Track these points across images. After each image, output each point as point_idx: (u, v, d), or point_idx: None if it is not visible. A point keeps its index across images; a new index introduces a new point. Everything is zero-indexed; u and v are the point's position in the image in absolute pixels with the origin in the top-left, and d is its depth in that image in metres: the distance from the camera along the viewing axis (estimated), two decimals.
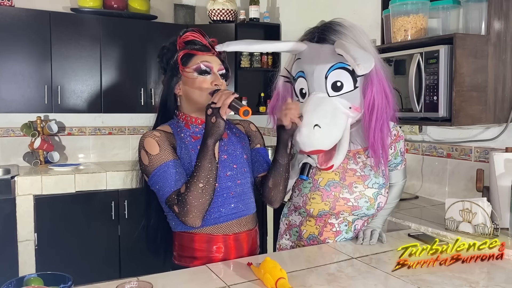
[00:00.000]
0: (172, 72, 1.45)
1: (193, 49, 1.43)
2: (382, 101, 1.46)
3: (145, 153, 1.36)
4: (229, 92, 1.29)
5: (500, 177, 1.80)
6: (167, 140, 1.38)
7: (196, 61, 1.42)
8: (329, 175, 1.55)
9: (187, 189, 1.29)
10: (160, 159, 1.33)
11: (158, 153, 1.34)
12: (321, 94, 1.46)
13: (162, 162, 1.33)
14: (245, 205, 1.46)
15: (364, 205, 1.55)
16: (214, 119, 1.28)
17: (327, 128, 1.41)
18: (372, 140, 1.50)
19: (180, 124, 1.45)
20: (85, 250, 3.38)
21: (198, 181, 1.28)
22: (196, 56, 1.42)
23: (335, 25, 1.49)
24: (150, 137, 1.37)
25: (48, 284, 1.07)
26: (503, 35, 2.00)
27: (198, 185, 1.28)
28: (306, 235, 1.61)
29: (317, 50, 1.49)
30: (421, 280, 1.27)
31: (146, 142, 1.37)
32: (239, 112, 1.27)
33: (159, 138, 1.37)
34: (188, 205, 1.28)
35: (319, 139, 1.41)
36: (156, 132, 1.39)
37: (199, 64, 1.41)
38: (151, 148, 1.35)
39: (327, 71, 1.45)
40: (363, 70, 1.33)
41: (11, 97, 3.44)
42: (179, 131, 1.43)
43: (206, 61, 1.42)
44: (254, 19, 4.00)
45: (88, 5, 3.70)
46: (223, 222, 1.41)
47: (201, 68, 1.41)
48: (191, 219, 1.29)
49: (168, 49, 1.47)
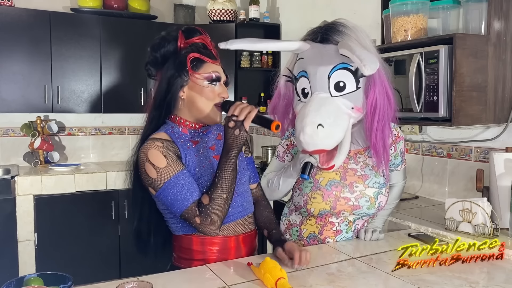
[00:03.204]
0: (177, 72, 1.38)
1: (204, 54, 1.39)
2: (384, 102, 1.47)
3: (152, 167, 1.29)
4: (248, 106, 1.28)
5: (500, 177, 1.80)
6: (171, 150, 1.32)
7: (207, 69, 1.38)
8: (329, 175, 1.56)
9: (212, 200, 1.27)
10: (170, 171, 1.28)
11: (166, 165, 1.28)
12: (323, 94, 1.46)
13: (173, 175, 1.28)
14: (248, 203, 1.47)
15: (365, 204, 1.55)
16: (238, 131, 1.26)
17: (330, 128, 1.41)
18: (374, 141, 1.50)
19: (176, 129, 1.39)
20: (85, 250, 3.38)
21: (222, 192, 1.27)
22: (207, 64, 1.38)
23: (338, 25, 1.50)
24: (154, 149, 1.30)
25: (48, 284, 1.07)
26: (503, 35, 1.99)
27: (222, 196, 1.27)
28: (306, 234, 1.61)
29: (320, 50, 1.49)
30: (421, 280, 1.27)
31: (150, 154, 1.30)
32: (271, 126, 1.26)
33: (164, 149, 1.31)
34: (213, 215, 1.27)
35: (323, 139, 1.41)
36: (157, 142, 1.32)
37: (211, 74, 1.37)
38: (158, 161, 1.29)
39: (330, 71, 1.45)
40: (370, 70, 1.34)
41: (11, 97, 3.44)
42: (177, 138, 1.37)
43: (216, 71, 1.39)
44: (254, 19, 3.99)
45: (88, 5, 3.70)
46: (229, 222, 1.39)
47: (212, 78, 1.38)
48: (213, 229, 1.28)
49: (168, 42, 1.40)
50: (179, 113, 1.42)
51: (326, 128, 1.40)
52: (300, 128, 1.43)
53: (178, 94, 1.39)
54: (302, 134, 1.41)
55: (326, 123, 1.40)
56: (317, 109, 1.43)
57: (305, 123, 1.41)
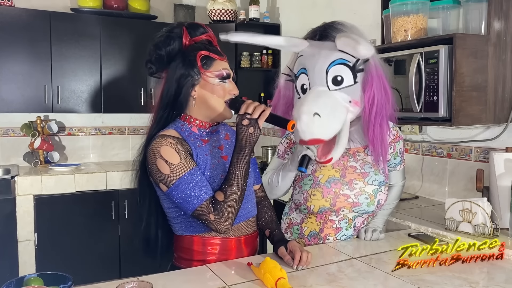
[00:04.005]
0: (187, 71, 1.36)
1: (212, 51, 1.38)
2: (381, 97, 1.49)
3: (165, 163, 1.28)
4: (260, 104, 1.28)
5: (500, 177, 1.80)
6: (183, 147, 1.32)
7: (217, 67, 1.37)
8: (329, 172, 1.57)
9: (226, 197, 1.27)
10: (183, 168, 1.28)
11: (180, 161, 1.28)
12: (321, 88, 1.49)
13: (186, 171, 1.28)
14: (252, 205, 1.47)
15: (364, 201, 1.56)
16: (252, 129, 1.26)
17: (326, 118, 1.43)
18: (372, 135, 1.51)
19: (186, 127, 1.39)
20: (85, 250, 3.38)
21: (237, 189, 1.28)
22: (217, 61, 1.38)
23: (337, 24, 1.54)
24: (167, 145, 1.30)
25: (48, 284, 1.07)
26: (503, 35, 1.99)
27: (237, 193, 1.28)
28: (307, 232, 1.62)
29: (318, 46, 1.52)
30: (421, 280, 1.27)
31: (163, 150, 1.29)
32: (287, 126, 1.27)
33: (176, 146, 1.30)
34: (227, 212, 1.27)
35: (319, 128, 1.42)
36: (169, 139, 1.31)
37: (221, 71, 1.37)
38: (171, 157, 1.28)
39: (328, 66, 1.47)
40: (365, 50, 1.38)
41: (11, 97, 3.44)
42: (188, 136, 1.36)
43: (226, 68, 1.39)
44: (254, 19, 4.00)
45: (88, 5, 3.70)
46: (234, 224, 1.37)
47: (223, 75, 1.37)
48: (227, 226, 1.28)
49: (173, 39, 1.38)
50: (190, 111, 1.41)
51: (322, 118, 1.42)
52: (296, 116, 1.44)
53: (190, 94, 1.38)
54: (299, 122, 1.42)
55: (323, 113, 1.42)
56: (314, 100, 1.45)
57: (301, 111, 1.43)
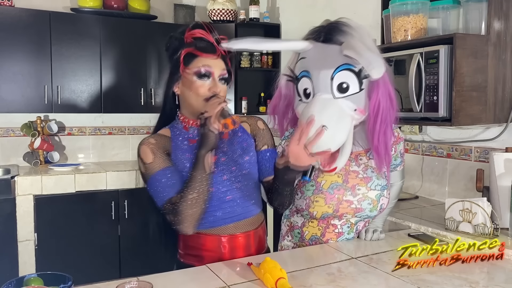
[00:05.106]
0: (173, 69, 1.41)
1: (198, 48, 1.37)
2: (386, 105, 1.44)
3: (141, 161, 1.36)
4: (220, 100, 1.28)
5: (500, 177, 1.81)
6: (162, 147, 1.37)
7: (197, 63, 1.37)
8: (332, 178, 1.54)
9: (181, 199, 1.29)
10: (153, 168, 1.33)
11: (151, 161, 1.34)
12: (326, 95, 1.43)
13: (155, 171, 1.32)
14: (244, 208, 1.44)
15: (367, 207, 1.54)
16: (202, 129, 1.27)
17: (333, 130, 1.38)
18: (376, 143, 1.48)
19: (179, 126, 1.43)
20: (85, 250, 3.38)
21: (191, 191, 1.28)
22: (199, 58, 1.37)
23: (341, 25, 1.46)
24: (145, 145, 1.37)
25: (48, 284, 1.07)
26: (503, 35, 1.99)
27: (189, 196, 1.28)
28: (308, 236, 1.60)
29: (323, 50, 1.46)
30: (421, 280, 1.26)
31: (141, 150, 1.37)
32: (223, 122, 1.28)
33: (154, 145, 1.36)
34: (182, 214, 1.28)
35: (326, 141, 1.38)
36: (151, 139, 1.38)
37: (199, 68, 1.36)
38: (146, 157, 1.35)
39: (333, 72, 1.41)
40: (378, 74, 1.32)
41: (11, 97, 3.44)
42: (177, 134, 1.41)
43: (207, 65, 1.37)
44: (254, 19, 4.00)
45: (88, 5, 3.70)
46: (220, 226, 1.40)
47: (201, 72, 1.36)
48: (185, 227, 1.30)
49: (176, 39, 1.41)
50: (181, 110, 1.45)
51: (330, 130, 1.38)
52: None
53: (174, 90, 1.42)
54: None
55: (330, 125, 1.37)
56: (320, 111, 1.40)
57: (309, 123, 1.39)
